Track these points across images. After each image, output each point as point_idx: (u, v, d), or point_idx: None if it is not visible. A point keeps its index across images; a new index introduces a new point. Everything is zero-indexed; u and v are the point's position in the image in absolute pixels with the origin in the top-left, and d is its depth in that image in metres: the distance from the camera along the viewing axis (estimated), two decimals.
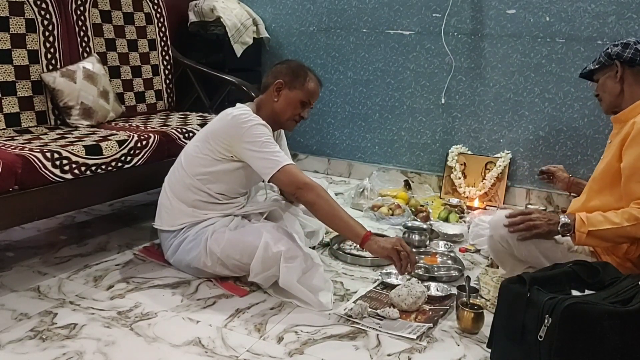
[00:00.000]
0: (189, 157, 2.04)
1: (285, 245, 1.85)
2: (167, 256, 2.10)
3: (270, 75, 2.06)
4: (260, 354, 1.59)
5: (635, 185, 1.73)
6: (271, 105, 2.03)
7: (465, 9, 3.14)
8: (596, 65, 1.89)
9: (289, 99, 2.01)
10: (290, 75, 2.02)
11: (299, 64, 2.10)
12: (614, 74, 1.85)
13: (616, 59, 1.83)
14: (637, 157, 1.72)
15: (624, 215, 1.71)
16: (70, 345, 1.59)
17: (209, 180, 2.00)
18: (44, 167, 1.90)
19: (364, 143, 3.60)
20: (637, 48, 1.81)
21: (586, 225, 1.73)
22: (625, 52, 1.81)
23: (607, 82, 1.88)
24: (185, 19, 3.51)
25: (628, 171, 1.74)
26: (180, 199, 2.03)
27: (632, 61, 1.81)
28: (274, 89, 2.01)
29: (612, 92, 1.88)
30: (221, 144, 1.94)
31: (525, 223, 1.82)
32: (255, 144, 1.87)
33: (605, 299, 1.40)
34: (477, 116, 3.24)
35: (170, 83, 3.15)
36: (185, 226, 2.03)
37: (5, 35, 2.35)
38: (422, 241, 2.42)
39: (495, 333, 1.53)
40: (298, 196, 1.89)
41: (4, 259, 2.19)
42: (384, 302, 1.91)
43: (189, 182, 2.01)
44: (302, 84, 2.02)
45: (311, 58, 3.63)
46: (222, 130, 1.94)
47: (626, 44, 1.82)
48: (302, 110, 2.05)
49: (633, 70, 1.83)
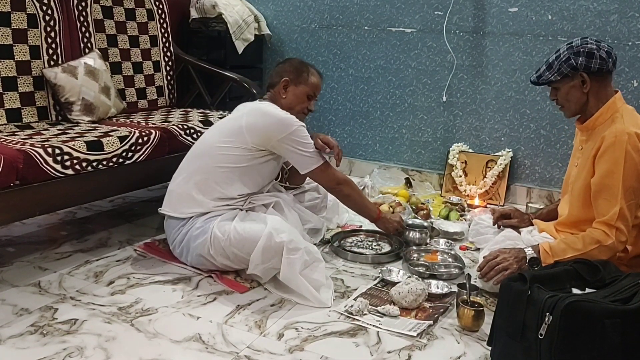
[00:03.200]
0: (217, 150, 2.06)
1: (288, 237, 1.86)
2: (173, 246, 2.11)
3: (274, 75, 2.21)
4: (260, 351, 1.59)
5: (602, 201, 1.76)
6: (280, 102, 2.15)
7: (467, 7, 3.14)
8: (558, 77, 1.84)
9: (296, 94, 2.17)
10: (294, 72, 2.18)
11: (300, 61, 2.26)
12: (580, 84, 1.82)
13: (583, 71, 1.79)
14: (604, 174, 1.75)
15: (585, 239, 1.75)
16: (70, 341, 1.60)
17: (237, 174, 2.05)
18: (45, 163, 1.90)
19: (365, 141, 3.60)
20: (601, 55, 1.77)
21: (551, 256, 1.76)
22: (592, 63, 1.77)
23: (571, 92, 1.85)
24: (186, 15, 3.51)
25: (595, 187, 1.78)
26: (202, 191, 2.04)
27: (599, 71, 1.79)
28: (281, 87, 2.16)
29: (579, 102, 1.86)
30: (258, 138, 2.03)
31: (494, 269, 1.82)
32: (300, 144, 2.06)
33: (605, 297, 1.40)
34: (478, 114, 3.24)
35: (171, 79, 3.15)
36: (194, 215, 2.04)
37: (7, 31, 2.35)
38: (422, 239, 2.42)
39: (496, 331, 1.53)
40: (336, 191, 2.20)
41: (5, 254, 2.19)
42: (384, 299, 1.91)
43: (216, 177, 2.04)
44: (306, 79, 2.18)
45: (312, 55, 3.62)
46: (264, 126, 2.04)
47: (590, 53, 1.77)
48: (308, 103, 2.21)
49: (598, 78, 1.81)
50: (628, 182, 1.72)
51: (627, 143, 1.71)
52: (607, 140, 1.74)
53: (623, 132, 1.72)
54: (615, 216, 1.72)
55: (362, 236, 2.50)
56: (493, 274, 1.82)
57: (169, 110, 2.99)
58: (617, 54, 1.83)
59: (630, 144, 1.71)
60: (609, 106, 1.82)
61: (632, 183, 1.72)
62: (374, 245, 2.41)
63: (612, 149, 1.73)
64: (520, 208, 3.03)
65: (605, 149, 1.74)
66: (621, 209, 1.72)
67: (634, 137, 1.72)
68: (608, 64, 1.79)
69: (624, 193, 1.72)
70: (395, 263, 2.25)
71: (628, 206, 1.73)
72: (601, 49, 1.78)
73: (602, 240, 1.73)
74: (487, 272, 1.83)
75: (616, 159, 1.72)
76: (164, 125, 2.45)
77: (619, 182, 1.72)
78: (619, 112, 1.81)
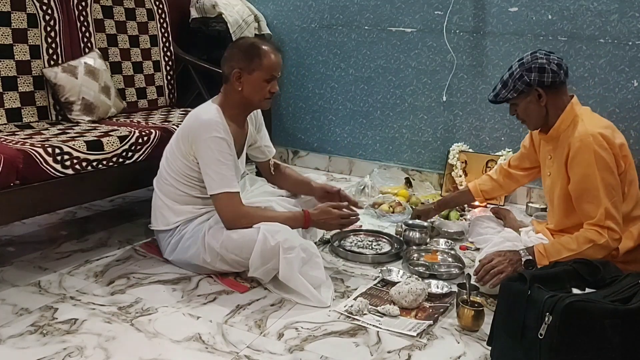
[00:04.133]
0: (168, 157, 2.07)
1: (282, 236, 1.85)
2: (166, 255, 2.11)
3: (225, 65, 1.99)
4: (260, 350, 1.59)
5: (586, 205, 1.80)
6: (238, 95, 1.99)
7: (467, 7, 3.14)
8: (514, 95, 1.89)
9: (252, 83, 1.96)
10: (243, 59, 1.95)
11: (250, 43, 1.99)
12: (536, 98, 1.87)
13: (538, 87, 1.85)
14: (580, 179, 1.79)
15: (579, 239, 1.78)
16: (70, 340, 1.60)
17: (191, 176, 2.01)
18: (45, 162, 1.90)
19: (365, 140, 3.60)
20: (552, 69, 1.83)
21: (546, 257, 1.79)
22: (544, 78, 1.83)
23: (530, 107, 1.90)
24: (186, 15, 3.51)
25: (575, 193, 1.82)
26: (171, 198, 2.05)
27: (553, 84, 1.84)
28: (234, 79, 1.97)
29: (539, 115, 1.91)
30: (187, 143, 1.96)
31: (490, 273, 1.83)
32: (207, 158, 1.91)
33: (605, 297, 1.40)
34: (478, 114, 3.23)
35: (171, 79, 3.14)
36: (181, 223, 2.04)
37: (7, 30, 2.35)
38: (422, 239, 2.42)
39: (496, 331, 1.53)
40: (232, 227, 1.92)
41: (5, 253, 2.19)
42: (384, 299, 1.91)
43: (173, 180, 2.03)
44: (260, 64, 1.94)
45: (312, 55, 3.62)
46: (188, 132, 1.97)
47: (541, 68, 1.83)
48: (269, 87, 1.99)
49: (553, 90, 1.86)
50: (606, 181, 1.76)
51: (593, 144, 1.76)
52: (574, 146, 1.79)
53: (587, 134, 1.78)
54: (603, 217, 1.75)
55: (362, 236, 2.50)
56: (488, 278, 1.83)
57: (169, 110, 2.99)
58: (567, 65, 1.92)
59: (596, 144, 1.76)
60: (567, 112, 1.88)
61: (609, 180, 1.76)
62: (374, 245, 2.41)
63: (580, 153, 1.78)
64: (520, 208, 3.05)
65: (574, 155, 1.79)
66: (606, 208, 1.75)
67: (598, 137, 1.77)
68: (560, 76, 1.85)
69: (605, 192, 1.75)
70: (395, 263, 2.25)
71: (612, 203, 1.76)
72: (551, 62, 1.84)
73: (596, 239, 1.76)
74: (483, 276, 1.84)
75: (587, 161, 1.76)
76: (164, 125, 2.45)
77: (597, 183, 1.75)
78: (578, 116, 1.87)
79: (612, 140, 1.79)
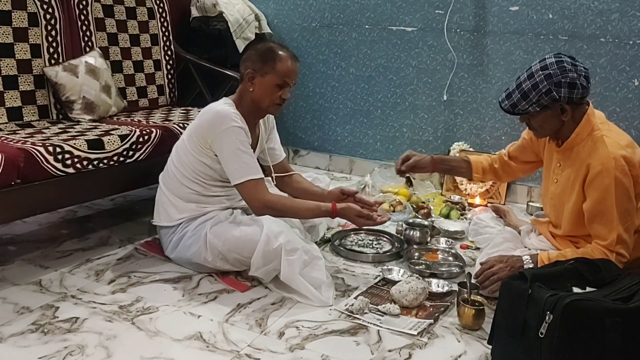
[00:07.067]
0: (178, 153, 2.06)
1: (285, 238, 1.85)
2: (167, 252, 2.11)
3: (242, 64, 2.00)
4: (261, 349, 1.60)
5: (598, 226, 1.77)
6: (249, 95, 1.99)
7: (468, 6, 3.14)
8: (537, 109, 1.76)
9: (264, 85, 1.96)
10: (259, 61, 1.95)
11: (268, 47, 1.99)
12: (558, 113, 1.77)
13: (567, 104, 1.74)
14: (597, 202, 1.74)
15: (585, 255, 1.72)
16: (71, 339, 1.60)
17: (200, 171, 2.01)
18: (46, 161, 1.90)
19: (365, 139, 3.60)
20: (582, 84, 1.72)
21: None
22: (574, 94, 1.72)
23: (548, 120, 1.80)
24: (187, 14, 3.51)
25: (589, 213, 1.78)
26: (176, 194, 2.05)
27: (581, 99, 1.76)
28: (247, 79, 1.98)
29: (554, 127, 1.83)
30: (201, 138, 1.96)
31: (490, 279, 1.82)
32: (227, 149, 1.91)
33: (606, 296, 1.40)
34: (479, 113, 3.23)
35: (172, 78, 3.14)
36: (184, 221, 2.04)
37: (8, 29, 2.35)
38: (423, 238, 2.42)
39: (496, 329, 1.53)
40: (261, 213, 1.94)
41: (6, 252, 2.19)
42: (384, 298, 1.91)
43: (181, 176, 2.03)
44: (273, 68, 1.94)
45: (313, 54, 3.62)
46: (203, 126, 1.97)
47: (572, 84, 1.70)
48: (281, 93, 1.98)
49: (578, 105, 1.78)
50: (622, 207, 1.71)
51: (615, 169, 1.69)
52: (594, 169, 1.72)
53: (608, 157, 1.70)
54: (613, 242, 1.72)
55: (363, 235, 2.50)
56: (488, 284, 1.82)
57: (170, 109, 2.99)
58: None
59: (618, 169, 1.69)
60: (583, 126, 1.80)
61: (626, 206, 1.72)
62: (374, 244, 2.41)
63: (600, 177, 1.71)
64: (520, 207, 3.05)
65: (594, 177, 1.73)
66: (619, 235, 1.71)
67: (620, 160, 1.70)
68: (588, 91, 1.76)
69: (619, 218, 1.71)
70: (395, 262, 2.25)
71: (625, 229, 1.72)
72: (581, 76, 1.72)
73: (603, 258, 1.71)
74: (483, 282, 1.84)
75: (606, 186, 1.70)
76: (165, 124, 2.46)
77: (612, 209, 1.71)
78: (597, 130, 1.78)
79: (634, 162, 1.72)
